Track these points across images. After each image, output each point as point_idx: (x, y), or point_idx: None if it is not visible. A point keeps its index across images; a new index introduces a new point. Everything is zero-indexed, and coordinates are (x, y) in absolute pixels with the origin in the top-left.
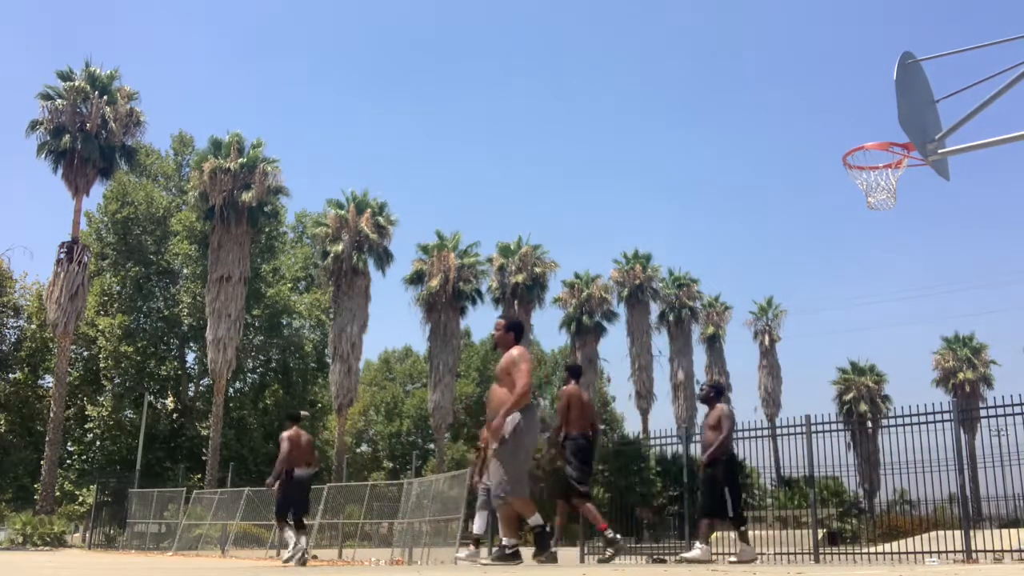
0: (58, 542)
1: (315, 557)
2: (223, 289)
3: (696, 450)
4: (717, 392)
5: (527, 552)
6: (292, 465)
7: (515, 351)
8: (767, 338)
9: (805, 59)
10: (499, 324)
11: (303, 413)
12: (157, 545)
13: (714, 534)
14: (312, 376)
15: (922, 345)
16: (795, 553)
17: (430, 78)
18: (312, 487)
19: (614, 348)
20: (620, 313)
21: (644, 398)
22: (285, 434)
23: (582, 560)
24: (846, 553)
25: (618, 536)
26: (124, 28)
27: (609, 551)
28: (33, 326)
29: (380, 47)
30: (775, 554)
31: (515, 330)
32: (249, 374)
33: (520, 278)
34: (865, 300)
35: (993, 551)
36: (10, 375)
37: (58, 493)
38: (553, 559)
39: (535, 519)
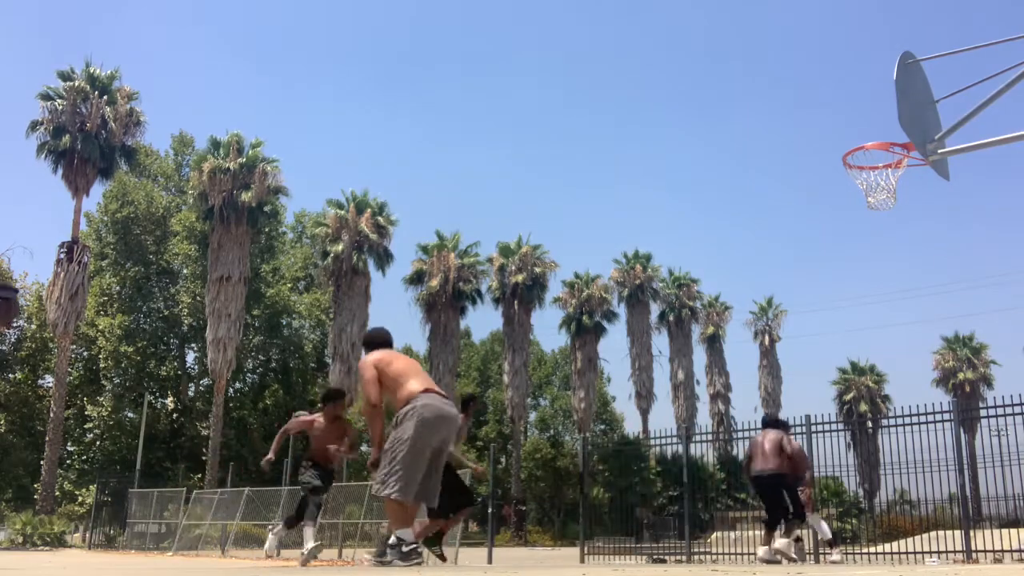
0: (58, 542)
1: (315, 557)
2: (223, 289)
3: (696, 450)
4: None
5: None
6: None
7: (362, 366)
8: (767, 338)
9: (805, 58)
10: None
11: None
12: (157, 545)
13: (715, 534)
14: (312, 376)
15: (922, 345)
16: None
17: (430, 78)
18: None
19: (614, 348)
20: (620, 313)
21: (644, 398)
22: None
23: (582, 560)
24: (846, 553)
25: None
26: (124, 28)
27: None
28: (33, 326)
29: (380, 47)
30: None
31: (371, 345)
32: (249, 374)
33: (520, 278)
34: (865, 300)
35: (993, 551)
36: (10, 375)
37: (58, 493)
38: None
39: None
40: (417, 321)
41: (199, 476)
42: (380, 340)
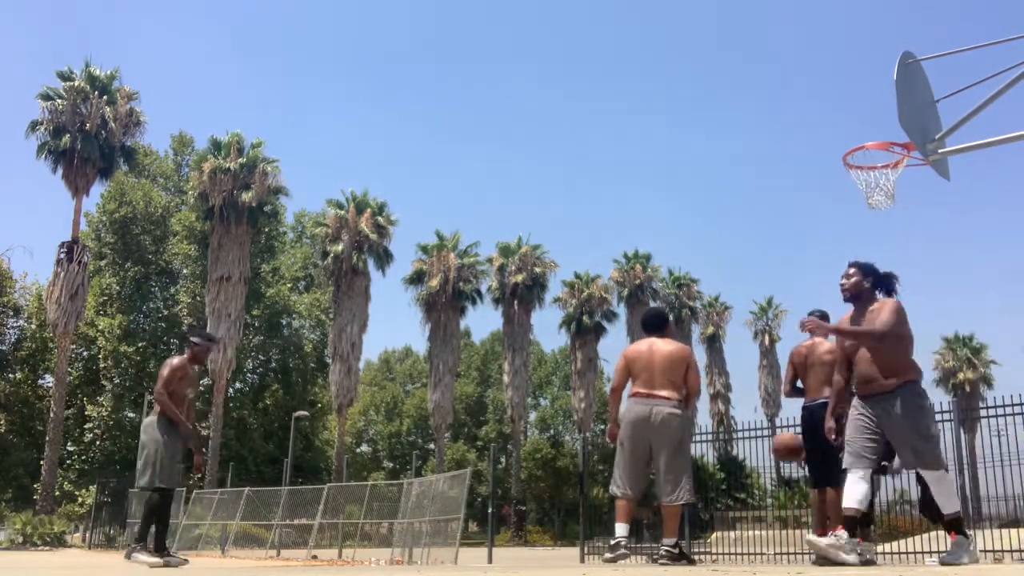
0: (58, 542)
1: (315, 557)
2: (223, 289)
3: (696, 450)
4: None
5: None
6: None
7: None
8: (767, 338)
9: (806, 58)
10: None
11: None
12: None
13: (715, 534)
14: (312, 376)
15: (922, 345)
16: (795, 553)
17: (431, 77)
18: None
19: (614, 348)
20: (620, 313)
21: None
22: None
23: (582, 560)
24: None
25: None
26: (124, 28)
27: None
28: (33, 326)
29: (380, 46)
30: (775, 554)
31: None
32: (249, 374)
33: (520, 278)
34: None
35: (993, 551)
36: (10, 375)
37: (58, 493)
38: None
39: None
40: (417, 321)
41: (199, 476)
42: (643, 325)
